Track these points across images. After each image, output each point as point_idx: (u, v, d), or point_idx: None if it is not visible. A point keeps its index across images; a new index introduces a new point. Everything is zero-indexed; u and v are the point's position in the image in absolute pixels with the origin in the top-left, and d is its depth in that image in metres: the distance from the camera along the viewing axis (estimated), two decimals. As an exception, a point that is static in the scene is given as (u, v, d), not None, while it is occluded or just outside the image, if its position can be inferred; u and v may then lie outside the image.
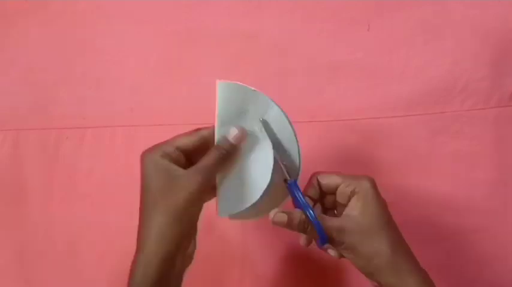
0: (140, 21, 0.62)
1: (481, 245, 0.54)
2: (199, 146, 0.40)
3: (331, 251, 0.41)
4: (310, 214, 0.40)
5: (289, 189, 0.42)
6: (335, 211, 0.44)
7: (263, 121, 0.41)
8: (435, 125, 0.56)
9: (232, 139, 0.40)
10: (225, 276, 0.55)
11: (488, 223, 0.54)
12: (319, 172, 0.44)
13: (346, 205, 0.41)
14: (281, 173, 0.42)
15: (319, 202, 0.44)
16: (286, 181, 0.42)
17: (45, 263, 0.58)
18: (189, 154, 0.40)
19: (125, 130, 0.60)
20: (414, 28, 0.57)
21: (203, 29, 0.61)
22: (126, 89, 0.61)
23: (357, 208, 0.40)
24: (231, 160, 0.41)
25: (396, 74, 0.57)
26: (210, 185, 0.40)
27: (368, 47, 0.58)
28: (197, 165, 0.38)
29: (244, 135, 0.41)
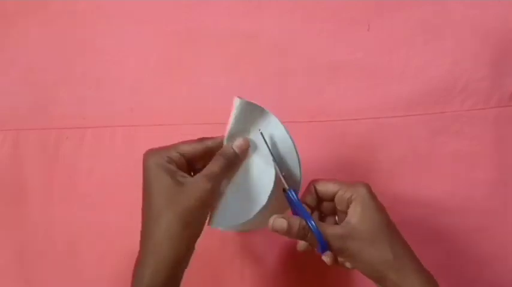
0: (140, 21, 0.62)
1: (481, 245, 0.54)
2: (202, 155, 0.41)
3: (326, 258, 0.41)
4: (311, 222, 0.39)
5: (288, 198, 0.42)
6: (336, 217, 0.45)
7: (262, 133, 0.42)
8: (435, 125, 0.56)
9: (236, 148, 0.41)
10: (225, 276, 0.55)
11: (488, 223, 0.54)
12: (317, 179, 0.44)
13: (345, 211, 0.42)
14: (280, 184, 0.42)
15: (316, 209, 0.44)
16: (284, 191, 0.42)
17: (45, 263, 0.58)
18: (191, 161, 0.40)
19: (125, 130, 0.60)
20: (414, 28, 0.57)
21: (203, 29, 0.61)
22: (126, 89, 0.61)
23: (355, 215, 0.40)
24: (233, 171, 0.41)
25: (396, 74, 0.57)
26: (217, 192, 0.40)
27: (368, 47, 0.58)
28: (205, 172, 0.39)
29: (247, 146, 0.42)
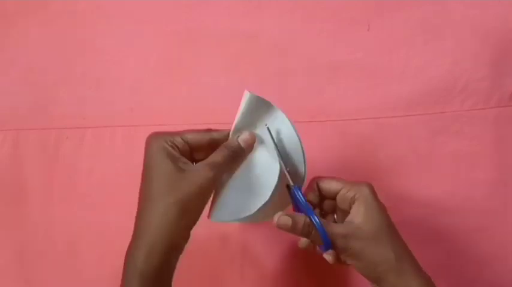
0: (140, 21, 0.62)
1: (481, 245, 0.54)
2: (207, 146, 0.40)
3: (327, 256, 0.41)
4: (315, 219, 0.39)
5: (292, 194, 0.42)
6: (335, 215, 0.45)
7: (269, 128, 0.41)
8: (435, 125, 0.56)
9: (242, 141, 0.41)
10: (225, 276, 0.55)
11: (488, 223, 0.54)
12: (320, 177, 0.44)
13: (346, 210, 0.42)
14: (284, 179, 0.42)
15: (317, 207, 0.44)
16: (288, 187, 0.42)
17: (45, 263, 0.58)
18: (195, 150, 0.40)
19: (125, 130, 0.60)
20: (414, 28, 0.57)
21: (203, 29, 0.61)
22: (126, 89, 0.61)
23: (359, 215, 0.40)
24: (237, 164, 0.41)
25: (396, 74, 0.57)
26: (219, 183, 0.40)
27: (368, 47, 0.58)
28: (208, 161, 0.38)
29: (253, 141, 0.41)
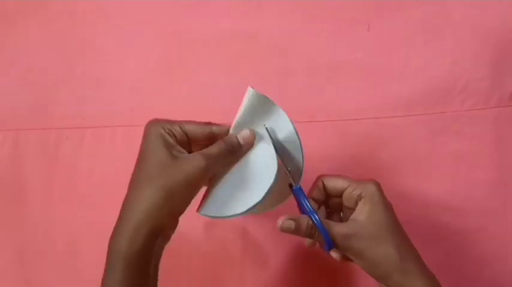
0: (140, 21, 0.62)
1: (481, 245, 0.54)
2: (205, 139, 0.40)
3: (334, 253, 0.41)
4: (317, 220, 0.39)
5: (295, 195, 0.42)
6: (341, 213, 0.44)
7: (267, 128, 0.41)
8: (435, 125, 0.55)
9: (241, 138, 0.41)
10: (225, 276, 0.55)
11: (488, 223, 0.54)
12: (325, 174, 0.44)
13: (352, 208, 0.41)
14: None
15: (323, 205, 0.44)
16: (291, 187, 0.42)
17: (45, 263, 0.58)
18: (192, 141, 0.40)
19: (125, 130, 0.60)
20: (414, 28, 0.57)
21: (203, 29, 0.61)
22: (126, 89, 0.61)
23: (363, 213, 0.40)
24: (233, 160, 0.41)
25: (396, 74, 0.57)
26: (210, 175, 0.40)
27: (368, 47, 0.58)
28: (202, 151, 0.38)
29: (252, 138, 0.41)
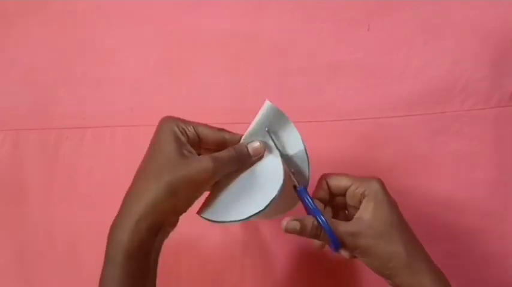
0: (140, 21, 0.62)
1: (481, 245, 0.54)
2: (216, 144, 0.41)
3: (344, 252, 0.41)
4: (322, 220, 0.39)
5: (300, 195, 0.41)
6: (346, 211, 0.44)
7: (268, 131, 0.42)
8: (435, 125, 0.55)
9: (251, 148, 0.41)
10: (225, 276, 0.55)
11: (488, 223, 0.54)
12: (328, 174, 0.43)
13: (356, 206, 0.41)
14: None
15: (329, 205, 0.44)
16: (295, 188, 0.42)
17: (45, 263, 0.58)
18: (203, 144, 0.41)
19: (125, 130, 0.60)
20: (414, 28, 0.57)
21: (203, 29, 0.61)
22: (126, 89, 0.61)
23: (368, 211, 0.40)
24: (240, 169, 0.41)
25: (396, 74, 0.57)
26: (216, 178, 0.39)
27: (368, 47, 0.58)
28: (212, 154, 0.39)
29: (262, 150, 0.42)
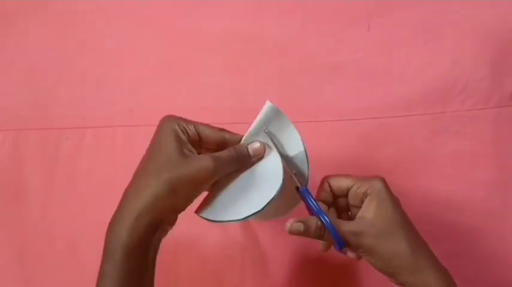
0: (140, 22, 0.62)
1: (481, 245, 0.54)
2: (216, 144, 0.41)
3: (350, 253, 0.41)
4: (325, 219, 0.39)
5: (302, 196, 0.41)
6: (349, 212, 0.44)
7: (268, 132, 0.42)
8: (435, 125, 0.55)
9: (251, 149, 0.41)
10: (225, 276, 0.55)
11: (488, 223, 0.54)
12: (330, 175, 0.43)
13: (358, 206, 0.41)
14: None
15: (332, 205, 0.44)
16: (298, 189, 0.42)
17: (45, 263, 0.58)
18: (203, 144, 0.41)
19: (125, 130, 0.60)
20: (414, 28, 0.57)
21: (203, 29, 0.61)
22: (126, 89, 0.61)
23: (371, 210, 0.40)
24: (240, 169, 0.41)
25: (396, 74, 0.57)
26: (215, 178, 0.39)
27: (368, 47, 0.58)
28: (212, 153, 0.39)
29: (262, 151, 0.42)
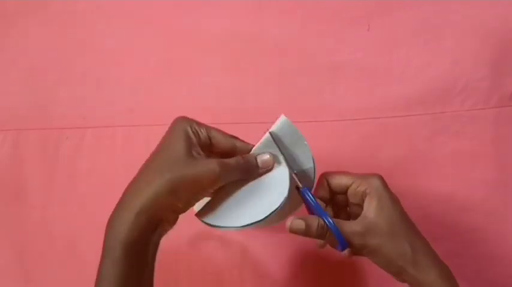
0: (140, 21, 0.62)
1: (481, 245, 0.54)
2: (226, 151, 0.41)
3: (347, 251, 0.41)
4: (329, 221, 0.39)
5: (303, 196, 0.41)
6: (348, 208, 0.44)
7: (272, 133, 0.41)
8: (435, 125, 0.55)
9: (260, 161, 0.41)
10: (225, 276, 0.55)
11: (488, 223, 0.54)
12: (328, 172, 0.43)
13: (358, 204, 0.41)
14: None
15: (330, 203, 0.44)
16: (298, 189, 0.41)
17: (45, 263, 0.58)
18: (214, 149, 0.40)
19: (125, 130, 0.60)
20: (414, 28, 0.57)
21: (203, 29, 0.61)
22: (126, 89, 0.61)
23: (371, 210, 0.40)
24: (246, 179, 0.41)
25: (396, 74, 0.57)
26: (220, 184, 0.39)
27: (368, 47, 0.58)
28: (220, 159, 0.38)
29: (271, 164, 0.41)
